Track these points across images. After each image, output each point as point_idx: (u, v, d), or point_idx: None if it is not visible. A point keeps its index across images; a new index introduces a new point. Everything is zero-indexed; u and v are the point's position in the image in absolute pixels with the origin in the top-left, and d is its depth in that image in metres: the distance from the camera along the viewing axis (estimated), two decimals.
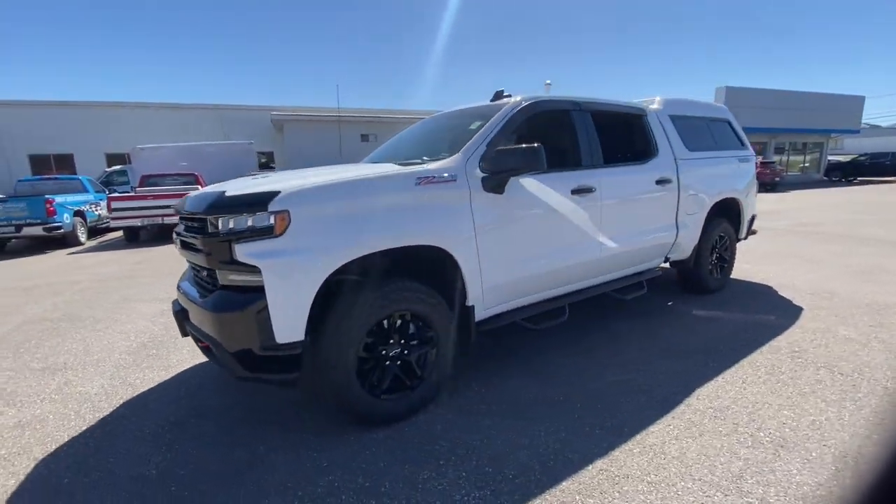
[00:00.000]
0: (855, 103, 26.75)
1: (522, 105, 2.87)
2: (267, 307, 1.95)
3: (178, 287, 2.58)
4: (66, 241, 9.80)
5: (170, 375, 3.09)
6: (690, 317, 3.83)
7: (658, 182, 3.58)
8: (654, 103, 4.01)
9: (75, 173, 17.37)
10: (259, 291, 1.96)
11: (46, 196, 9.27)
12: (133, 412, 2.63)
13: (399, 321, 2.35)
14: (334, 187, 2.14)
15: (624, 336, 3.45)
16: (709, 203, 4.06)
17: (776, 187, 20.06)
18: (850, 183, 23.92)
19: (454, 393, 2.66)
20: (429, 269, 2.49)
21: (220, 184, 2.62)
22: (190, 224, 2.31)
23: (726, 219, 4.41)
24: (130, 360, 3.36)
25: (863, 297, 4.12)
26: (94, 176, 14.59)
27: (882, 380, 2.64)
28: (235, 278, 2.05)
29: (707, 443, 2.11)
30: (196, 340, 2.38)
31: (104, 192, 11.94)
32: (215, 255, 2.07)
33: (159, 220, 9.70)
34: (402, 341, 2.38)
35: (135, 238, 10.12)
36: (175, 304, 2.59)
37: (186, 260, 2.60)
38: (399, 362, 2.38)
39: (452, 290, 2.52)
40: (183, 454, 2.19)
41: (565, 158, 3.22)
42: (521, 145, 2.50)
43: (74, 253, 8.99)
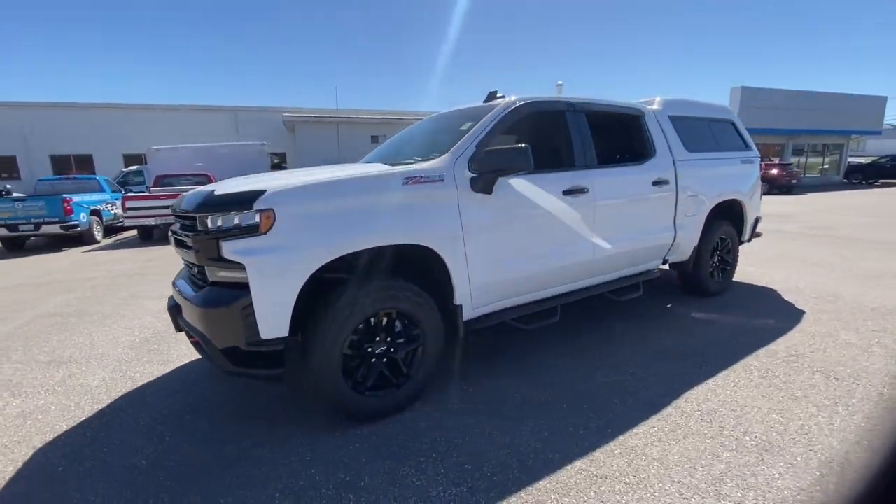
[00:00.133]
0: (877, 104, 26.02)
1: (513, 106, 2.88)
2: (252, 303, 2.00)
3: (174, 284, 2.66)
4: (83, 238, 10.08)
5: (168, 370, 3.17)
6: (688, 319, 3.79)
7: (655, 183, 3.55)
8: (654, 104, 3.98)
9: (94, 173, 17.92)
10: (245, 288, 2.01)
11: (64, 195, 9.55)
12: (130, 405, 2.71)
13: (385, 319, 2.38)
14: (319, 187, 2.18)
15: (617, 337, 3.43)
16: (709, 204, 4.01)
17: (792, 189, 19.63)
18: (871, 185, 23.29)
19: (441, 391, 2.68)
20: (417, 267, 2.52)
21: (212, 184, 2.68)
22: (183, 222, 2.38)
23: (728, 221, 4.35)
24: (132, 355, 3.46)
25: (869, 302, 4.03)
26: (112, 176, 14.97)
27: (879, 385, 2.59)
28: (223, 275, 2.11)
29: (690, 445, 2.10)
30: (188, 336, 2.44)
31: (120, 191, 12.26)
32: (204, 253, 2.13)
33: (172, 220, 9.90)
34: (389, 339, 2.41)
35: (148, 237, 10.36)
36: (170, 300, 2.67)
37: (181, 257, 2.67)
38: (385, 360, 2.41)
39: (440, 289, 2.55)
40: (174, 446, 2.25)
41: (559, 159, 3.22)
42: (508, 145, 2.51)
43: (90, 251, 9.25)
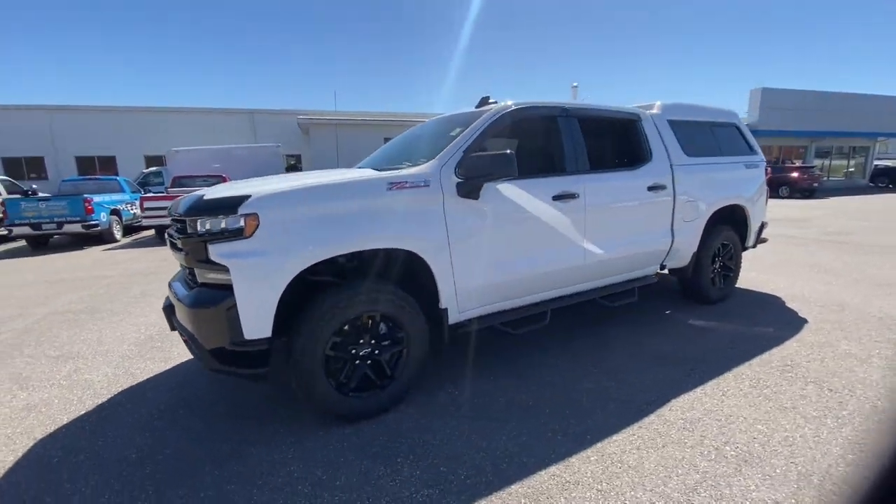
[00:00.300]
0: None
1: (503, 112, 2.90)
2: (235, 305, 2.06)
3: (170, 285, 2.75)
4: (103, 237, 10.43)
5: (168, 367, 3.28)
6: (685, 326, 3.74)
7: (651, 188, 3.52)
8: (654, 108, 3.95)
9: (117, 174, 18.53)
10: (230, 289, 2.09)
11: (85, 195, 9.91)
12: (129, 400, 2.81)
13: (370, 321, 2.43)
14: (303, 192, 2.24)
15: (611, 343, 3.41)
16: (709, 210, 3.95)
17: (814, 193, 19.07)
18: None
19: (428, 393, 2.71)
20: (402, 271, 2.56)
21: (204, 188, 2.77)
22: (177, 225, 2.47)
23: (731, 226, 4.28)
24: (136, 352, 3.59)
25: (875, 311, 3.92)
26: (133, 177, 15.45)
27: (873, 398, 2.52)
28: (211, 276, 2.18)
29: (668, 454, 2.09)
30: (180, 334, 2.53)
31: (139, 192, 12.64)
32: (194, 255, 2.21)
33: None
34: (373, 341, 2.45)
35: None
36: (166, 300, 2.76)
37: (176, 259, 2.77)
38: (370, 362, 2.46)
39: (426, 292, 2.58)
40: (166, 441, 2.34)
41: (550, 164, 3.22)
42: (491, 151, 2.54)
43: (110, 249, 9.56)
